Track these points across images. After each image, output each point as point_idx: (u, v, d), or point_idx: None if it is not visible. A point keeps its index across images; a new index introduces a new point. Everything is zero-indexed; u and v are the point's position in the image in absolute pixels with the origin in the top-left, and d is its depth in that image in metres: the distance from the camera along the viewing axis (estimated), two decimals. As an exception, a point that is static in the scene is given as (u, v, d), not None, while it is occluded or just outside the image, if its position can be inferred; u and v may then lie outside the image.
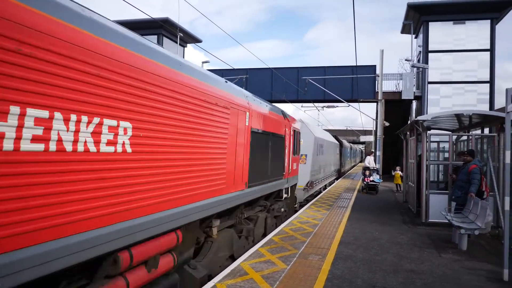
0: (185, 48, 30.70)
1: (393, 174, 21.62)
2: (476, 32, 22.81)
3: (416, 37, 26.32)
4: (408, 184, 14.26)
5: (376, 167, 19.71)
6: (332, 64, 43.17)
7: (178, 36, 26.10)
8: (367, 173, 18.31)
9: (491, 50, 22.59)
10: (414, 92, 24.43)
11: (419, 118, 10.70)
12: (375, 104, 27.10)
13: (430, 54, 23.49)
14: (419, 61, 24.61)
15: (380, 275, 6.07)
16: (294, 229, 9.32)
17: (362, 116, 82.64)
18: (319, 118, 48.11)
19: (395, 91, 26.07)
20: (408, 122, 22.55)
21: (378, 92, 24.10)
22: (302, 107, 31.18)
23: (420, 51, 24.76)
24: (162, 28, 26.46)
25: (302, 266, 6.34)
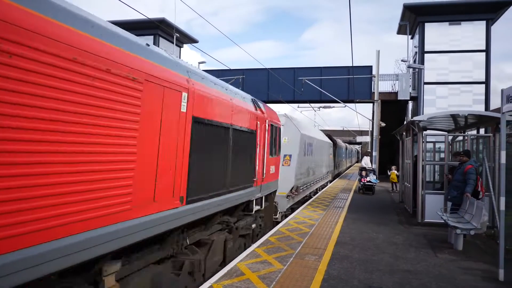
0: (181, 48, 30.70)
1: (389, 174, 21.69)
2: (471, 33, 22.95)
3: (412, 37, 26.42)
4: (404, 185, 14.31)
5: (372, 167, 19.76)
6: (328, 65, 43.19)
7: (175, 36, 26.08)
8: (364, 173, 18.35)
9: (487, 51, 22.73)
10: (410, 93, 24.58)
11: (415, 118, 10.72)
12: (371, 104, 27.18)
13: (426, 55, 23.61)
14: (415, 61, 24.72)
15: (377, 275, 6.08)
16: (290, 229, 9.32)
17: (359, 116, 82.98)
18: (316, 119, 48.09)
19: (391, 91, 26.16)
20: (404, 123, 22.63)
21: (374, 92, 24.18)
22: (298, 107, 31.24)
23: (416, 52, 24.87)
24: (159, 29, 26.46)
25: (299, 267, 6.34)
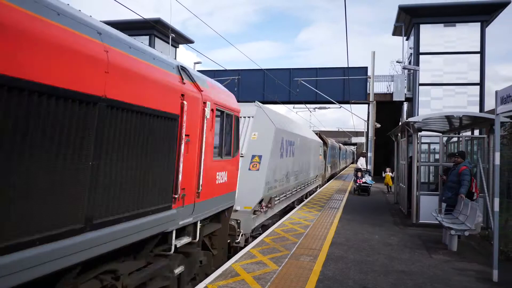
0: (177, 48, 30.62)
1: (383, 175, 21.74)
2: (466, 34, 23.06)
3: (407, 39, 26.52)
4: (399, 186, 14.35)
5: (368, 168, 19.79)
6: (324, 66, 43.27)
7: (170, 36, 26.01)
8: (359, 174, 18.38)
9: (481, 53, 22.85)
10: (405, 94, 24.66)
11: (410, 119, 10.76)
12: (367, 105, 27.26)
13: (421, 56, 23.69)
14: (410, 63, 24.80)
15: (371, 276, 6.08)
16: (285, 230, 9.30)
17: (354, 117, 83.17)
18: (311, 120, 48.27)
19: (386, 92, 26.25)
20: (399, 124, 22.72)
21: (369, 93, 24.28)
22: (294, 108, 31.32)
23: (411, 53, 24.95)
24: (154, 29, 26.34)
25: (294, 267, 6.33)
